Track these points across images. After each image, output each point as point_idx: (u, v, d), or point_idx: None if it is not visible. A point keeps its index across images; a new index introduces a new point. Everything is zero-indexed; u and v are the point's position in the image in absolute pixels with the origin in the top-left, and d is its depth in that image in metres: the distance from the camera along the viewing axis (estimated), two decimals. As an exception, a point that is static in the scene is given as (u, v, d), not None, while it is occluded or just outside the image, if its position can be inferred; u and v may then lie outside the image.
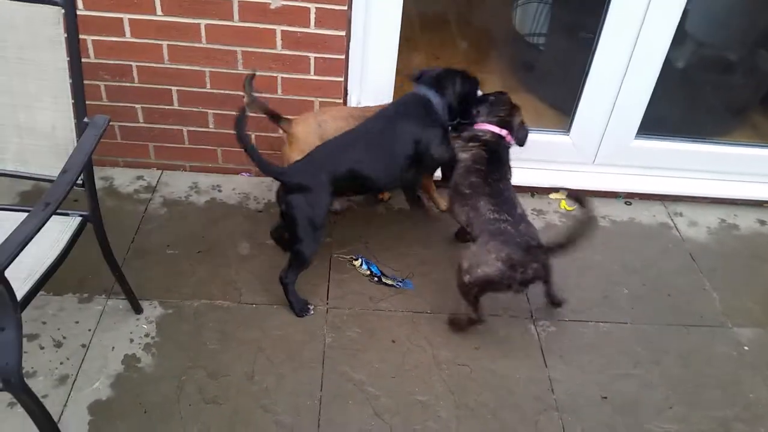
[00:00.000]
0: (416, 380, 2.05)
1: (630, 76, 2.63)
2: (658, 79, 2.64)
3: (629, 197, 2.93)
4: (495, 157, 2.26)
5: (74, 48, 1.60)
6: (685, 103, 3.21)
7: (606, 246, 2.66)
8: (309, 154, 2.14)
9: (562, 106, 2.96)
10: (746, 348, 2.29)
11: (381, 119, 2.24)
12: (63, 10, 1.55)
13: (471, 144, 2.29)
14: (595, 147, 2.85)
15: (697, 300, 2.47)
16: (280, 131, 2.35)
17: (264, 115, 2.25)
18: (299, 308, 2.21)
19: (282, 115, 2.26)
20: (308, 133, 2.27)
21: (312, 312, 2.23)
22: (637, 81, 2.65)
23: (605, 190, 2.90)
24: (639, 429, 1.99)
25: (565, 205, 2.84)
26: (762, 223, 2.90)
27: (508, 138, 2.32)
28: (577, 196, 2.09)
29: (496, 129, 2.30)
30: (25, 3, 1.55)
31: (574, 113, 2.78)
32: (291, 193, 2.07)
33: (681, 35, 2.63)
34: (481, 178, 2.19)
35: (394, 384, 2.04)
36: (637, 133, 2.83)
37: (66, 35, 1.59)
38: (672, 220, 2.85)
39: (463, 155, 2.27)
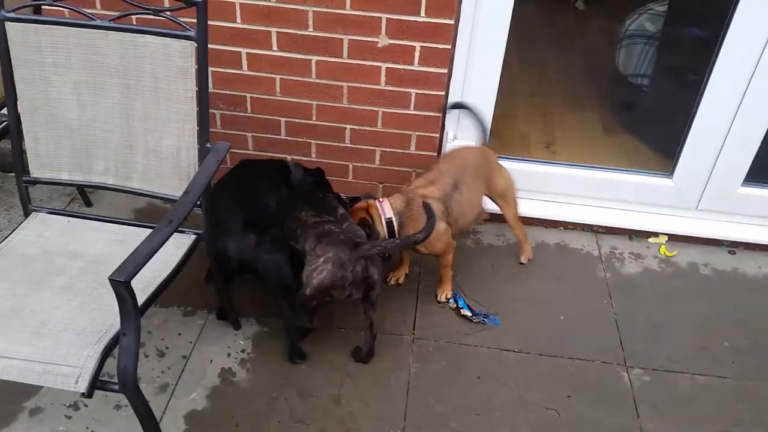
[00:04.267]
0: (501, 419, 2.03)
1: (739, 121, 2.54)
2: (769, 125, 2.54)
3: (734, 246, 2.79)
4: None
5: (204, 79, 1.75)
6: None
7: (707, 296, 2.55)
8: None
9: (665, 149, 2.88)
10: None
11: None
12: (196, 44, 1.70)
13: None
14: (699, 192, 2.75)
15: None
16: None
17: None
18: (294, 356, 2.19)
19: None
20: None
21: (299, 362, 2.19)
22: (747, 126, 2.54)
23: (708, 237, 2.78)
24: (738, 493, 1.88)
25: (665, 250, 2.75)
26: None
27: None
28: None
29: None
30: (164, 38, 1.71)
31: (678, 156, 2.70)
32: None
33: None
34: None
35: (478, 421, 2.02)
36: (745, 180, 2.70)
37: (197, 67, 1.74)
38: (782, 273, 2.69)
39: None
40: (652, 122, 3.28)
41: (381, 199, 2.23)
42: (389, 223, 2.18)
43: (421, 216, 2.12)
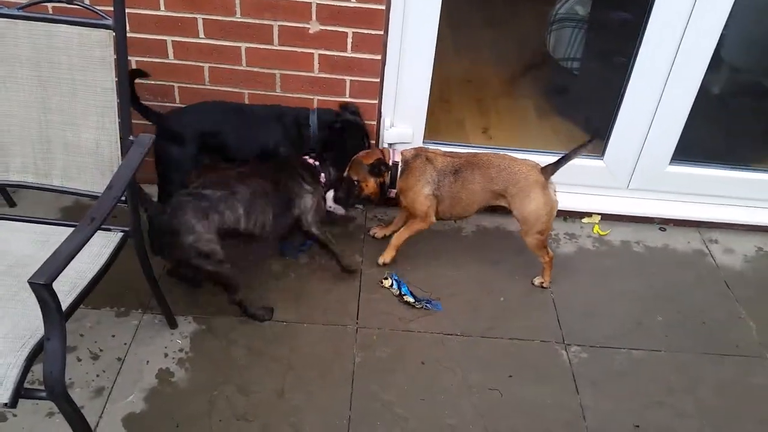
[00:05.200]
0: (446, 403, 2.05)
1: (665, 102, 2.62)
2: (693, 105, 2.63)
3: (664, 223, 2.90)
4: None
5: (123, 69, 1.67)
6: (721, 129, 3.18)
7: (640, 273, 2.63)
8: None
9: (596, 131, 2.95)
10: (785, 380, 2.24)
11: None
12: (114, 33, 1.62)
13: None
14: (630, 172, 2.84)
15: (733, 329, 2.42)
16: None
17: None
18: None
19: None
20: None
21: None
22: (673, 106, 2.63)
23: (639, 215, 2.88)
24: (673, 460, 1.95)
25: (598, 229, 2.82)
26: (801, 252, 2.84)
27: None
28: None
29: None
30: (79, 27, 1.63)
31: (608, 138, 2.77)
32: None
33: (717, 61, 2.62)
34: None
35: (423, 406, 2.03)
36: (672, 159, 2.81)
37: (115, 57, 1.66)
38: (707, 247, 2.81)
39: None
40: (583, 105, 3.36)
41: (395, 148, 2.46)
42: (395, 165, 2.38)
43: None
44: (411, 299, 2.37)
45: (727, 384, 2.20)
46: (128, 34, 2.27)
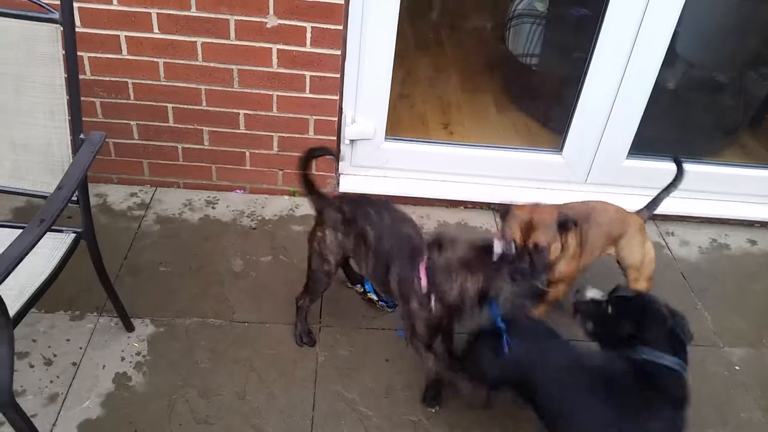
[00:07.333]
0: (409, 400, 2.04)
1: (621, 97, 2.66)
2: (649, 100, 2.68)
3: (621, 216, 2.94)
4: None
5: (72, 65, 1.60)
6: (676, 124, 3.25)
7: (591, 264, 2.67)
8: None
9: (555, 126, 2.99)
10: (737, 368, 2.30)
11: None
12: (61, 28, 1.56)
13: None
14: (588, 166, 2.88)
15: (689, 319, 2.47)
16: None
17: None
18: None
19: None
20: None
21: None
22: (629, 101, 2.68)
23: (598, 209, 2.91)
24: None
25: (558, 223, 2.85)
26: (752, 242, 2.92)
27: None
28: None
29: None
30: (23, 21, 1.56)
31: (567, 133, 2.80)
32: None
33: (672, 57, 2.68)
34: None
35: (387, 403, 2.03)
36: (629, 153, 2.85)
37: (64, 52, 1.60)
38: (663, 239, 2.87)
39: None
40: (542, 100, 3.39)
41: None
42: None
43: None
44: (374, 297, 2.36)
45: (684, 373, 2.25)
46: (79, 29, 2.24)
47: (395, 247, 1.85)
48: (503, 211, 1.94)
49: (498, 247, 1.68)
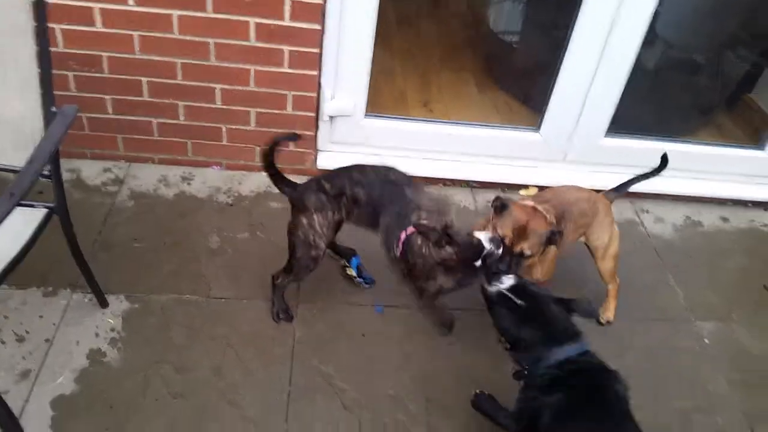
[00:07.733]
0: (386, 374, 2.06)
1: (600, 75, 2.67)
2: (628, 79, 2.69)
3: (598, 195, 2.97)
4: None
5: (43, 37, 1.56)
6: (654, 103, 3.27)
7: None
8: None
9: (535, 105, 2.99)
10: (707, 341, 2.35)
11: None
12: (30, -2, 1.52)
13: None
14: (566, 144, 2.89)
15: (661, 295, 2.52)
16: None
17: None
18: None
19: None
20: None
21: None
22: (608, 80, 2.68)
23: (575, 187, 2.93)
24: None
25: (536, 201, 2.87)
26: (724, 220, 2.97)
27: None
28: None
29: None
30: (-10, -10, 1.52)
31: (545, 111, 2.81)
32: None
33: (651, 36, 2.68)
34: None
35: (363, 378, 2.04)
36: (607, 132, 2.87)
37: (35, 24, 1.55)
38: (639, 216, 2.90)
39: None
40: (522, 78, 3.39)
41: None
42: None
43: None
44: (354, 273, 2.35)
45: (655, 348, 2.29)
46: (49, 0, 2.17)
47: (385, 197, 1.96)
48: (500, 204, 1.92)
49: (487, 244, 1.78)
